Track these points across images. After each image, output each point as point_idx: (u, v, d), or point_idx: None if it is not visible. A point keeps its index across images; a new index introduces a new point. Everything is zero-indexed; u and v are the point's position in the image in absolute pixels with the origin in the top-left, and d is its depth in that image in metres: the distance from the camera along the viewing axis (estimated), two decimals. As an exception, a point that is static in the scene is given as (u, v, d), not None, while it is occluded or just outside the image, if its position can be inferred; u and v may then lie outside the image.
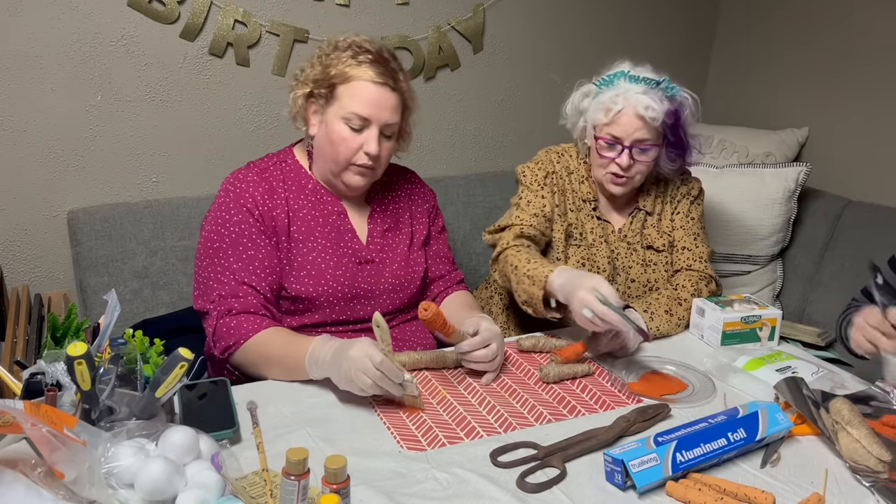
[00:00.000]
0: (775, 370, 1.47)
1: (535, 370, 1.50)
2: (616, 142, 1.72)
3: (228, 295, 1.49)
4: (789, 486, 1.14)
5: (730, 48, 2.98)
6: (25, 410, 0.98)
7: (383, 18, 2.43)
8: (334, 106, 1.52)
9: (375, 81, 1.50)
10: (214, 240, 1.53)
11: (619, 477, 1.11)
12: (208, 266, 1.53)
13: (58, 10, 2.05)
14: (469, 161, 2.72)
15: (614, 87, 1.72)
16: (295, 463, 0.96)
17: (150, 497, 0.99)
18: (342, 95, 1.51)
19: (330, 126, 1.52)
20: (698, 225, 1.88)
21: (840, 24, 2.56)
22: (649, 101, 1.67)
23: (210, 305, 1.51)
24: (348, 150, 1.52)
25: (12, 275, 2.16)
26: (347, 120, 1.50)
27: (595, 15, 2.76)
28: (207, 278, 1.53)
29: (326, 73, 1.52)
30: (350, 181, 1.56)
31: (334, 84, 1.51)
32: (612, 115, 1.70)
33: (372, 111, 1.50)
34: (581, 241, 1.81)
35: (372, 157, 1.52)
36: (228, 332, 1.46)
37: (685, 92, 1.76)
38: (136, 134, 2.22)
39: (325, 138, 1.54)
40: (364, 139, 1.51)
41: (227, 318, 1.48)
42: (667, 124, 1.72)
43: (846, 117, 2.58)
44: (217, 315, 1.49)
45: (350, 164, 1.54)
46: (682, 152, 1.80)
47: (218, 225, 1.53)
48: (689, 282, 1.78)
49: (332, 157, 1.54)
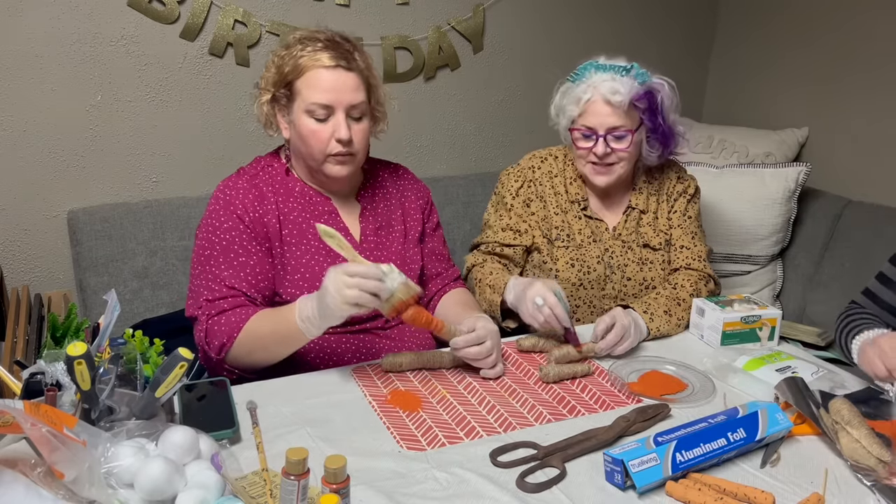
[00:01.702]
0: (775, 370, 1.47)
1: (535, 370, 1.50)
2: (591, 132, 1.75)
3: (216, 298, 1.49)
4: (789, 486, 1.14)
5: (730, 50, 2.98)
6: (25, 410, 0.98)
7: (383, 18, 2.43)
8: (296, 102, 1.51)
9: (327, 66, 1.48)
10: (205, 247, 1.53)
11: (619, 477, 1.11)
12: (199, 274, 1.53)
13: (58, 10, 2.05)
14: (469, 161, 2.72)
15: (585, 79, 1.76)
16: (295, 463, 0.96)
17: (150, 497, 0.99)
18: (300, 89, 1.50)
19: (298, 123, 1.52)
20: (695, 223, 1.88)
21: (840, 27, 2.56)
22: (616, 85, 1.70)
23: (199, 311, 1.50)
24: (320, 142, 1.51)
25: (12, 275, 2.16)
26: (311, 112, 1.49)
27: (595, 14, 2.77)
28: (198, 286, 1.53)
29: (281, 72, 1.51)
30: (332, 172, 1.55)
31: (291, 81, 1.51)
32: (582, 104, 1.74)
33: (331, 96, 1.48)
34: (569, 243, 1.83)
35: (344, 142, 1.50)
36: (220, 329, 1.46)
37: (660, 78, 1.77)
38: (136, 134, 2.22)
39: (296, 137, 1.54)
40: (333, 127, 1.50)
41: (217, 317, 1.47)
42: (640, 109, 1.73)
43: (846, 117, 2.58)
44: (206, 318, 1.48)
45: (326, 155, 1.52)
46: (664, 140, 1.80)
47: (209, 232, 1.53)
48: (688, 281, 1.78)
49: (307, 153, 1.54)
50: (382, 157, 1.76)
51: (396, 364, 1.47)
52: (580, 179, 1.87)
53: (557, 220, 1.85)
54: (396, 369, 1.48)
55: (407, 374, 1.48)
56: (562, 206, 1.86)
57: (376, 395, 1.38)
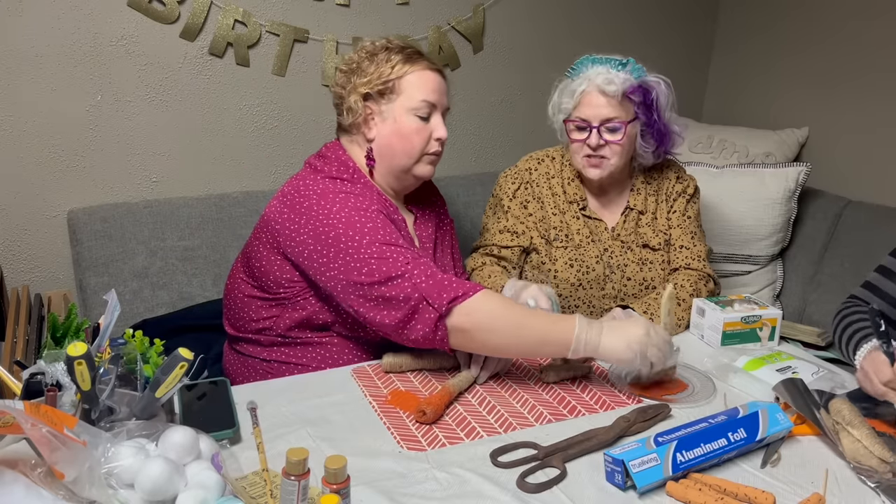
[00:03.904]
0: (775, 370, 1.47)
1: (535, 370, 1.50)
2: (585, 123, 1.76)
3: (414, 257, 1.39)
4: (789, 486, 1.14)
5: (730, 50, 2.98)
6: (25, 410, 0.98)
7: (383, 18, 2.43)
8: (399, 100, 1.54)
9: (433, 69, 1.56)
10: (343, 220, 1.41)
11: (620, 477, 1.11)
12: (362, 241, 1.38)
13: (58, 10, 2.05)
14: (469, 161, 2.72)
15: (581, 73, 1.78)
16: (295, 463, 0.96)
17: (150, 497, 0.99)
18: (406, 88, 1.54)
19: (399, 121, 1.54)
20: (695, 223, 1.88)
21: (841, 28, 2.56)
22: (611, 76, 1.72)
23: (407, 266, 1.36)
24: (422, 140, 1.56)
25: (12, 275, 2.15)
26: (416, 110, 1.54)
27: (595, 13, 2.77)
28: (370, 252, 1.37)
29: (380, 73, 1.54)
30: (423, 172, 1.60)
31: (391, 81, 1.53)
32: (577, 96, 1.77)
33: (437, 97, 1.56)
34: (567, 243, 1.83)
35: (443, 141, 1.58)
36: (450, 284, 1.35)
37: (656, 76, 1.78)
38: (136, 134, 2.21)
39: (392, 135, 1.55)
40: (432, 126, 1.57)
41: (438, 275, 1.36)
42: (634, 102, 1.75)
43: (846, 117, 2.57)
44: (425, 266, 1.37)
45: (423, 154, 1.57)
46: (659, 137, 1.81)
47: (340, 208, 1.43)
48: (688, 281, 1.78)
49: (405, 151, 1.56)
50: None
51: (396, 365, 1.47)
52: (578, 179, 1.88)
53: (556, 220, 1.85)
54: (396, 370, 1.48)
55: (407, 374, 1.48)
56: (560, 206, 1.86)
57: (376, 395, 1.38)
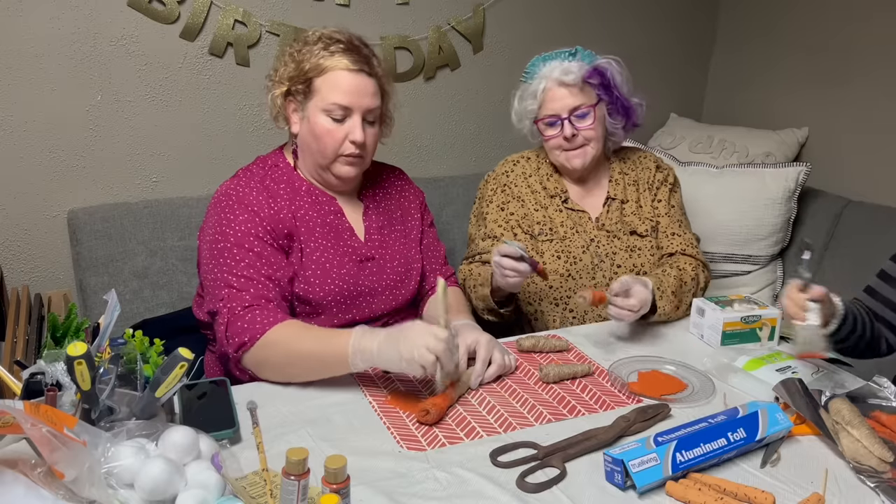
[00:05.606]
0: (775, 370, 1.47)
1: (535, 370, 1.50)
2: (554, 118, 1.81)
3: (240, 288, 1.44)
4: (789, 486, 1.14)
5: (730, 51, 2.98)
6: (25, 410, 0.98)
7: (383, 18, 2.43)
8: (314, 100, 1.52)
9: (351, 69, 1.50)
10: (218, 240, 1.49)
11: (619, 477, 1.11)
12: (214, 268, 1.48)
13: (58, 10, 2.05)
14: (469, 161, 2.72)
15: (536, 73, 1.83)
16: (295, 463, 0.96)
17: (150, 497, 0.99)
18: (320, 88, 1.51)
19: (312, 120, 1.53)
20: (680, 212, 1.94)
21: (841, 28, 2.56)
22: (566, 66, 1.78)
23: (220, 303, 1.45)
24: (334, 142, 1.52)
25: (12, 275, 2.15)
26: (329, 111, 1.51)
27: (595, 12, 2.77)
28: (215, 279, 1.48)
29: (301, 69, 1.52)
30: (340, 172, 1.57)
31: (310, 78, 1.51)
32: (539, 95, 1.82)
33: (352, 99, 1.50)
34: (552, 236, 1.87)
35: (358, 144, 1.53)
36: (242, 326, 1.40)
37: (605, 57, 1.84)
38: (136, 134, 2.21)
39: (308, 133, 1.55)
40: (348, 128, 1.52)
41: (241, 311, 1.42)
42: (594, 85, 1.81)
43: (846, 117, 2.57)
44: (228, 311, 1.43)
45: (338, 155, 1.54)
46: (625, 111, 1.87)
47: (221, 226, 1.50)
48: (689, 265, 1.83)
49: (318, 151, 1.54)
50: (383, 157, 1.77)
51: None
52: (556, 174, 1.93)
53: (538, 215, 1.89)
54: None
55: (406, 373, 1.47)
56: (541, 202, 1.90)
57: (376, 395, 1.38)
